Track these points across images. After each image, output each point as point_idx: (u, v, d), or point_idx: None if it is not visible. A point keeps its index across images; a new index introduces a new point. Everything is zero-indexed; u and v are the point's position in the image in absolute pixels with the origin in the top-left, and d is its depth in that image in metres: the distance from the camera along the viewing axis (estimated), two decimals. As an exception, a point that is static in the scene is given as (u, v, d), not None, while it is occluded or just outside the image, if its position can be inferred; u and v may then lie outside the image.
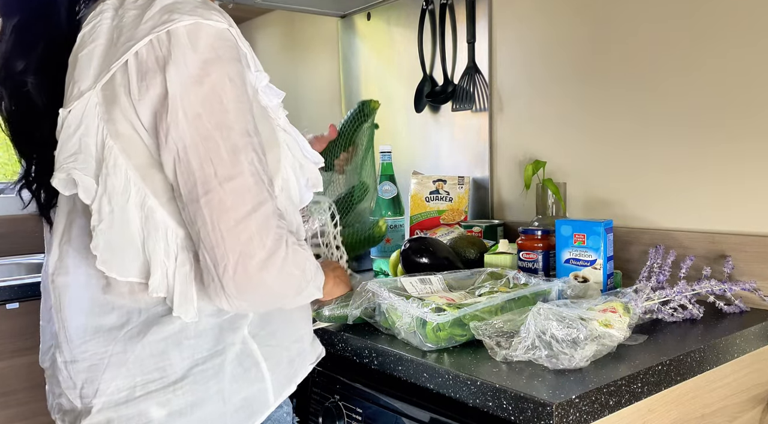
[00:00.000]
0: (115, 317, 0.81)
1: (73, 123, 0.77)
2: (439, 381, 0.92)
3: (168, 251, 0.78)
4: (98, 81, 0.76)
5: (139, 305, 0.81)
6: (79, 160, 0.77)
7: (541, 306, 0.95)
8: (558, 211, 1.50)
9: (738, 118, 1.26)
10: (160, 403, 0.80)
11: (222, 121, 0.74)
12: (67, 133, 0.77)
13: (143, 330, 0.80)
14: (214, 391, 0.82)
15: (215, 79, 0.74)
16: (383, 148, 1.80)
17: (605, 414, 0.84)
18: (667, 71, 1.36)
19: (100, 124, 0.76)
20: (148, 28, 0.74)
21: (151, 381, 0.80)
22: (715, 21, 1.28)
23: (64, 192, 0.79)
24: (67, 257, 0.84)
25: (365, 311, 1.10)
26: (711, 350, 1.01)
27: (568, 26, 1.54)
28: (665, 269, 1.22)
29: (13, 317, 1.68)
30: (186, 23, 0.73)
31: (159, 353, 0.80)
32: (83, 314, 0.82)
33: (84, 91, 0.77)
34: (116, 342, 0.80)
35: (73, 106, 0.77)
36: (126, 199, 0.77)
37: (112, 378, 0.80)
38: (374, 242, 1.55)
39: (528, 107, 1.65)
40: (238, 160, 0.74)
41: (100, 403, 0.80)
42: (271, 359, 0.87)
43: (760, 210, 1.24)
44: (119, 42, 0.76)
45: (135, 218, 0.77)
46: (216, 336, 0.83)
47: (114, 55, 0.75)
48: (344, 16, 2.20)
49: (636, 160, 1.43)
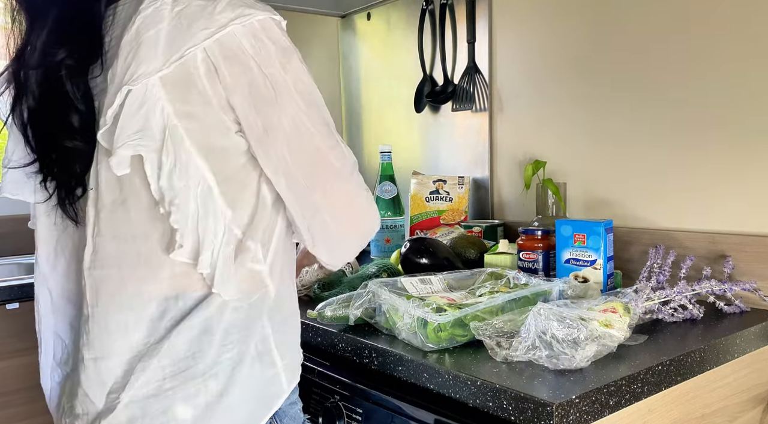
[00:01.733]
0: (154, 307, 0.82)
1: (135, 102, 0.79)
2: (440, 381, 0.92)
3: (216, 231, 0.81)
4: (168, 63, 0.78)
5: (176, 291, 0.82)
6: (145, 137, 0.79)
7: (542, 306, 0.95)
8: (558, 211, 1.50)
9: (738, 119, 1.26)
10: (189, 395, 0.80)
11: (311, 100, 0.85)
12: (130, 111, 0.79)
13: (181, 317, 0.81)
14: (239, 377, 0.83)
15: (295, 65, 0.84)
16: (383, 148, 1.80)
17: (605, 414, 0.84)
18: (667, 71, 1.36)
19: (162, 104, 0.79)
20: (224, 20, 0.79)
21: (180, 371, 0.81)
22: (716, 21, 1.28)
23: (117, 172, 0.79)
24: (99, 248, 0.84)
25: (366, 311, 1.10)
26: (711, 350, 1.01)
27: (568, 26, 1.54)
28: (665, 269, 1.22)
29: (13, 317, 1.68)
30: (260, 17, 0.81)
31: (192, 340, 0.81)
32: (123, 307, 0.82)
33: (150, 72, 0.78)
34: (158, 331, 0.81)
35: (135, 86, 0.78)
36: (188, 177, 0.80)
37: (143, 368, 0.80)
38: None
39: (528, 107, 1.65)
40: (331, 131, 0.87)
41: (127, 397, 0.80)
42: (282, 346, 0.89)
43: (760, 210, 1.24)
44: (191, 28, 0.79)
45: (192, 197, 0.80)
46: (244, 321, 0.84)
47: (185, 40, 0.78)
48: (344, 16, 2.20)
49: (636, 161, 1.43)
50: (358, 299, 1.11)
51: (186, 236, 0.80)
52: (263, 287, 0.86)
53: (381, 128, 2.12)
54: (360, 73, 2.17)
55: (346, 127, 2.25)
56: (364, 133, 2.18)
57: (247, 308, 0.85)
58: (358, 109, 2.19)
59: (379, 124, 2.12)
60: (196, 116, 0.80)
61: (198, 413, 0.81)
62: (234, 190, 0.83)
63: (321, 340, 1.15)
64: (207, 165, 0.81)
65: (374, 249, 1.81)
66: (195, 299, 0.82)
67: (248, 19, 0.80)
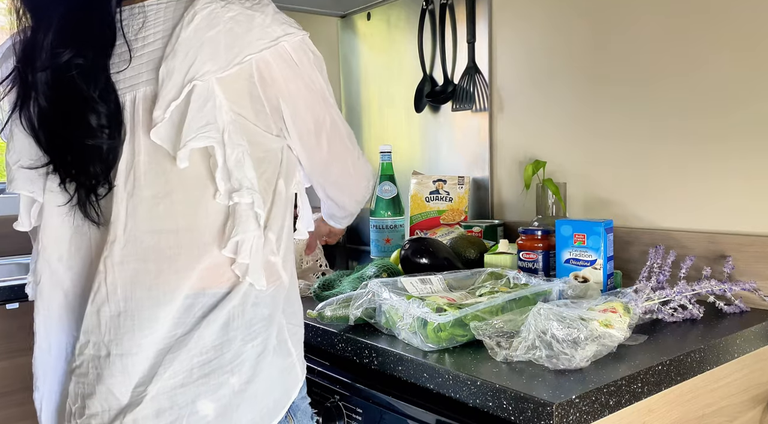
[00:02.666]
0: (180, 302, 0.83)
1: (200, 97, 0.82)
2: (440, 381, 0.92)
3: (255, 223, 0.86)
4: (231, 64, 0.84)
5: (203, 287, 0.84)
6: (212, 130, 0.82)
7: (542, 306, 0.95)
8: (558, 211, 1.50)
9: (738, 119, 1.26)
10: (215, 386, 0.83)
11: (332, 101, 1.00)
12: (197, 105, 0.82)
13: (209, 310, 0.84)
14: (263, 366, 0.87)
15: (325, 76, 0.97)
16: (383, 148, 1.80)
17: (605, 414, 0.84)
18: (668, 71, 1.36)
19: (221, 102, 0.84)
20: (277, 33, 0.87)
21: (208, 361, 0.83)
22: (716, 21, 1.28)
23: (182, 164, 0.82)
24: (134, 242, 0.84)
25: (366, 311, 1.10)
26: (711, 350, 1.01)
27: (568, 26, 1.54)
28: (665, 269, 1.22)
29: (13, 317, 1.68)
30: (301, 36, 0.91)
31: (217, 332, 0.84)
32: (158, 301, 0.83)
33: (216, 70, 0.83)
34: (184, 325, 0.83)
35: (202, 82, 0.82)
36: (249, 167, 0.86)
37: (172, 360, 0.82)
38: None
39: (528, 107, 1.65)
40: (344, 122, 1.05)
41: (155, 389, 0.81)
42: (294, 337, 0.94)
43: (760, 210, 1.24)
44: (248, 36, 0.85)
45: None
46: (264, 314, 0.88)
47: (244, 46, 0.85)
48: (344, 16, 2.20)
49: (636, 161, 1.43)
50: (358, 299, 1.11)
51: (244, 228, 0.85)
52: (278, 278, 0.90)
53: (381, 128, 2.12)
54: (360, 73, 2.17)
55: (346, 127, 2.25)
56: (364, 133, 2.18)
57: (267, 300, 0.88)
58: (358, 109, 2.19)
59: (379, 124, 2.12)
60: (245, 117, 0.86)
61: (223, 403, 0.83)
62: (263, 186, 0.88)
63: (321, 340, 1.15)
64: (252, 163, 0.86)
65: (374, 249, 1.81)
66: (219, 295, 0.85)
67: (293, 38, 0.89)
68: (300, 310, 0.97)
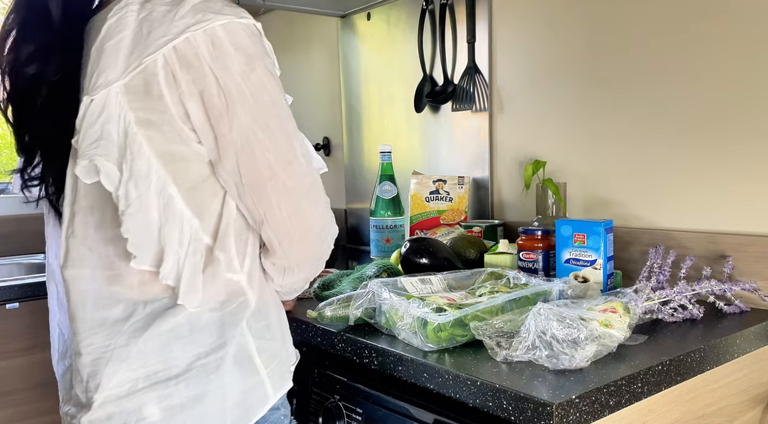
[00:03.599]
0: (120, 310, 0.82)
1: (95, 111, 0.79)
2: (440, 381, 0.92)
3: (182, 240, 0.81)
4: (127, 72, 0.78)
5: (145, 297, 0.82)
6: (101, 147, 0.78)
7: (542, 306, 0.95)
8: (558, 211, 1.50)
9: (738, 119, 1.26)
10: (161, 396, 0.80)
11: (272, 111, 0.82)
12: (90, 121, 0.79)
13: (148, 323, 0.81)
14: (215, 385, 0.83)
15: (259, 72, 0.81)
16: (383, 148, 1.80)
17: (605, 414, 0.84)
18: (667, 71, 1.36)
19: (123, 113, 0.79)
20: (183, 26, 0.77)
21: (153, 373, 0.81)
22: (716, 21, 1.28)
23: (86, 180, 0.80)
24: (72, 249, 0.85)
25: (366, 311, 1.10)
26: (711, 350, 1.01)
27: (568, 26, 1.54)
28: (665, 269, 1.22)
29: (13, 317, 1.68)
30: (222, 22, 0.78)
31: (162, 346, 0.81)
32: (89, 307, 0.83)
33: (111, 80, 0.78)
34: (120, 335, 0.81)
35: (97, 95, 0.79)
36: (147, 186, 0.79)
37: (114, 372, 0.81)
38: None
39: (528, 107, 1.65)
40: (292, 145, 0.84)
41: (101, 398, 0.81)
42: (265, 353, 0.88)
43: (760, 210, 1.24)
44: (151, 36, 0.78)
45: (154, 205, 0.80)
46: (219, 329, 0.84)
47: (145, 48, 0.78)
48: (344, 16, 2.20)
49: (636, 160, 1.43)
50: (358, 299, 1.11)
51: (143, 245, 0.80)
52: (242, 295, 0.86)
53: (381, 128, 2.12)
54: (360, 73, 2.17)
55: (346, 127, 2.25)
56: (364, 133, 2.18)
57: (222, 317, 0.84)
58: (358, 109, 2.19)
59: (379, 124, 2.12)
60: (156, 124, 0.79)
61: (169, 415, 0.81)
62: (200, 199, 0.82)
63: (321, 340, 1.15)
64: (168, 174, 0.80)
65: (374, 249, 1.81)
66: (164, 305, 0.82)
67: (209, 24, 0.78)
68: (278, 324, 0.92)
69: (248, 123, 0.80)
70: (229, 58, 0.79)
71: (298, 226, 0.85)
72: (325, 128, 2.38)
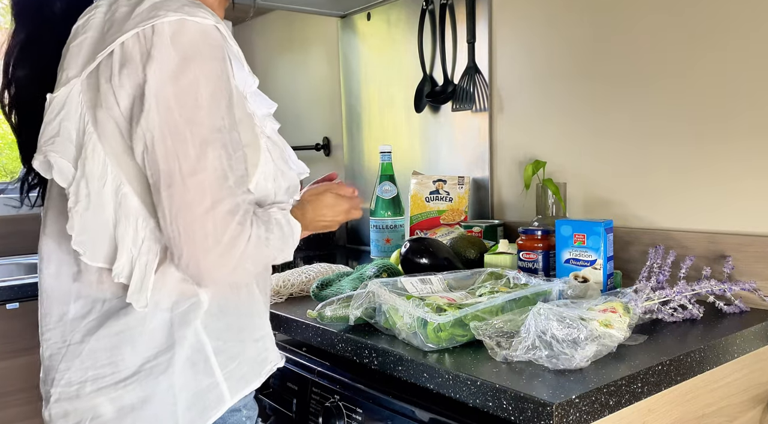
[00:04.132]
0: (79, 306, 0.83)
1: (56, 108, 0.81)
2: (439, 381, 0.92)
3: (136, 239, 0.80)
4: (84, 69, 0.80)
5: (104, 294, 0.83)
6: (57, 143, 0.80)
7: (542, 306, 0.95)
8: (558, 211, 1.50)
9: (738, 118, 1.26)
10: (111, 399, 0.81)
11: (193, 117, 0.76)
12: (49, 118, 0.81)
13: (102, 321, 0.82)
14: (165, 386, 0.82)
15: (192, 76, 0.76)
16: (383, 149, 1.80)
17: (605, 414, 0.84)
18: (668, 71, 1.36)
19: (82, 111, 0.80)
20: (135, 23, 0.77)
21: (101, 377, 0.81)
22: (717, 21, 1.28)
23: (45, 175, 0.81)
24: (44, 246, 0.88)
25: (366, 311, 1.10)
26: (711, 350, 1.01)
27: (568, 26, 1.54)
28: (665, 269, 1.22)
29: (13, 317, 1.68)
30: (171, 19, 0.76)
31: (112, 347, 0.81)
32: (52, 302, 0.85)
33: (71, 78, 0.80)
34: (76, 332, 0.83)
35: (58, 92, 0.81)
36: (102, 185, 0.79)
37: (66, 369, 0.82)
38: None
39: (528, 107, 1.65)
40: (205, 156, 0.77)
41: (56, 393, 0.82)
42: (223, 354, 0.86)
43: (760, 210, 1.24)
44: (108, 34, 0.79)
45: (109, 204, 0.80)
46: (168, 330, 0.83)
47: (101, 46, 0.79)
48: (344, 16, 2.20)
49: (636, 160, 1.43)
50: (358, 299, 1.11)
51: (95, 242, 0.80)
52: (194, 296, 0.84)
53: (381, 128, 2.12)
54: (360, 73, 2.17)
55: (346, 127, 2.25)
56: (364, 133, 2.18)
57: (172, 318, 0.83)
58: (358, 109, 2.19)
59: (379, 124, 2.12)
60: (105, 123, 0.79)
61: (121, 414, 0.81)
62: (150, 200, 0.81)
63: (321, 340, 1.15)
64: (123, 173, 0.80)
65: (374, 249, 1.81)
66: (120, 304, 0.82)
67: (158, 20, 0.76)
68: (241, 322, 0.88)
69: (158, 124, 0.76)
70: (164, 58, 0.75)
71: (188, 244, 0.76)
72: (325, 128, 2.38)
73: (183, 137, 0.76)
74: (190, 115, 0.76)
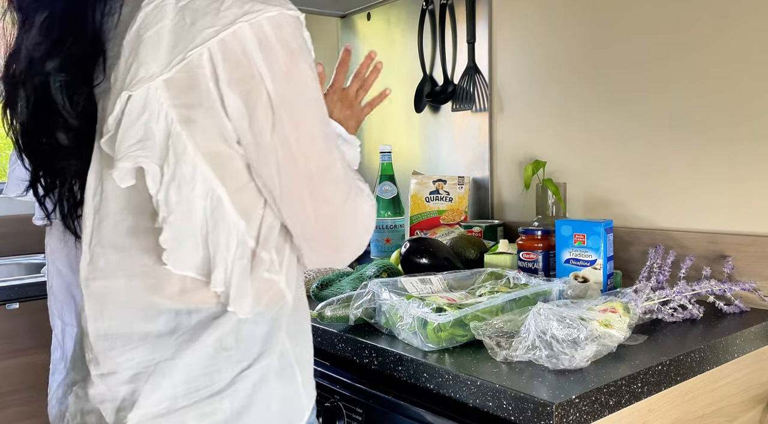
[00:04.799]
0: (162, 322, 0.75)
1: (136, 108, 0.72)
2: (439, 381, 0.92)
3: (229, 244, 0.75)
4: (171, 65, 0.71)
5: (188, 305, 0.75)
6: (147, 147, 0.72)
7: (542, 306, 0.95)
8: (558, 211, 1.50)
9: (738, 119, 1.26)
10: (203, 414, 0.74)
11: (314, 113, 0.76)
12: (130, 119, 0.72)
13: (196, 334, 0.75)
14: (261, 397, 0.77)
15: (302, 70, 0.75)
16: (383, 148, 1.80)
17: (605, 414, 0.84)
18: (668, 72, 1.36)
19: (164, 110, 0.72)
20: (231, 17, 0.71)
21: (195, 390, 0.74)
22: (717, 21, 1.28)
23: (122, 184, 0.73)
24: (100, 259, 0.77)
25: (366, 311, 1.10)
26: (711, 350, 1.01)
27: (568, 26, 1.54)
28: (665, 269, 1.22)
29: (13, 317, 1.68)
30: (270, 14, 0.72)
31: (207, 358, 0.75)
32: (127, 320, 0.76)
33: (154, 74, 0.71)
34: (165, 348, 0.75)
35: (137, 91, 0.71)
36: (192, 188, 0.73)
37: (154, 389, 0.74)
38: None
39: (528, 107, 1.65)
40: (330, 149, 0.78)
41: (135, 417, 0.73)
42: (300, 360, 0.83)
43: (760, 210, 1.24)
44: (195, 26, 0.71)
45: (199, 209, 0.74)
46: (263, 337, 0.78)
47: (189, 40, 0.71)
48: (344, 16, 2.20)
49: (636, 161, 1.43)
50: (358, 299, 1.11)
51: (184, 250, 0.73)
52: (281, 298, 0.80)
53: (381, 128, 2.12)
54: (360, 73, 2.17)
55: (346, 127, 2.25)
56: (364, 133, 2.18)
57: (267, 322, 0.79)
58: (358, 109, 2.19)
59: (379, 124, 2.12)
60: (201, 122, 0.73)
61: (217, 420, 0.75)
62: (247, 200, 0.77)
63: (321, 340, 1.15)
64: (215, 175, 0.74)
65: (374, 249, 1.81)
66: (210, 314, 0.76)
67: (256, 17, 0.71)
68: (308, 326, 0.87)
69: (292, 129, 0.74)
70: (275, 57, 0.72)
71: (335, 236, 0.80)
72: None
73: (312, 136, 0.76)
74: (312, 112, 0.76)
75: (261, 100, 0.72)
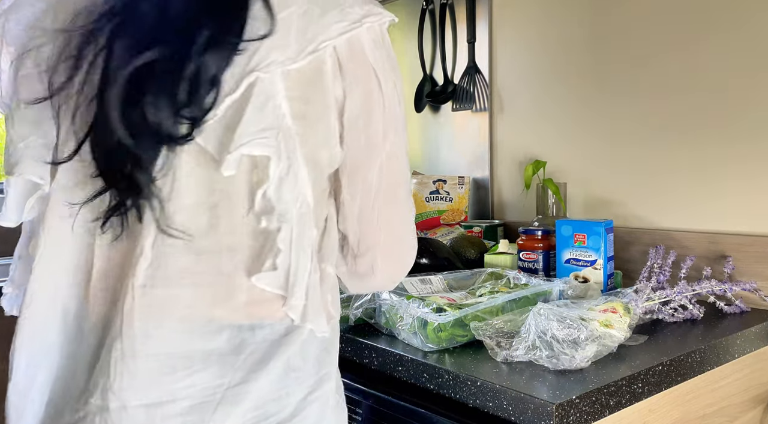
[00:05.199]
0: (224, 339, 0.65)
1: (262, 93, 0.64)
2: (440, 381, 0.92)
3: (309, 255, 0.69)
4: (304, 53, 0.65)
5: (251, 320, 0.66)
6: (271, 137, 0.64)
7: (542, 306, 0.95)
8: (558, 211, 1.50)
9: (738, 119, 1.26)
10: None
11: (404, 123, 0.76)
12: (257, 104, 0.64)
13: (268, 354, 0.67)
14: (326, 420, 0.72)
15: (398, 79, 0.75)
16: (383, 148, 1.80)
17: (606, 414, 0.84)
18: (668, 72, 1.36)
19: (280, 102, 0.65)
20: (356, 15, 0.68)
21: (264, 418, 0.66)
22: (717, 22, 1.28)
23: (226, 172, 0.64)
24: (169, 263, 0.65)
25: (366, 311, 1.10)
26: (711, 350, 1.01)
27: (568, 26, 1.54)
28: (665, 269, 1.22)
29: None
30: (386, 20, 0.71)
31: (278, 380, 0.67)
32: (189, 337, 0.65)
33: (284, 60, 0.64)
34: (234, 371, 0.65)
35: (268, 74, 0.64)
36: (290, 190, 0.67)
37: (224, 418, 0.64)
38: None
39: (528, 107, 1.65)
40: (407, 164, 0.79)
41: None
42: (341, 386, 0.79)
43: (760, 210, 1.24)
44: (324, 18, 0.66)
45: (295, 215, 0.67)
46: (324, 358, 0.72)
47: (319, 31, 0.66)
48: (344, 16, 2.20)
49: (636, 161, 1.43)
50: (358, 299, 1.11)
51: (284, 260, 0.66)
52: (331, 318, 0.74)
53: (381, 128, 2.12)
54: (360, 73, 2.17)
55: (346, 127, 2.25)
56: (364, 133, 2.17)
57: (324, 342, 0.72)
58: (358, 109, 2.19)
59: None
60: (309, 119, 0.67)
61: None
62: (320, 210, 0.71)
63: (321, 340, 1.15)
64: (309, 178, 0.68)
65: (374, 249, 1.81)
66: (275, 331, 0.68)
67: (378, 20, 0.69)
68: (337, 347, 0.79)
69: (395, 134, 0.73)
70: (386, 62, 0.72)
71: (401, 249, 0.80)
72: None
73: (404, 141, 0.76)
74: (404, 121, 0.76)
75: (377, 102, 0.71)
